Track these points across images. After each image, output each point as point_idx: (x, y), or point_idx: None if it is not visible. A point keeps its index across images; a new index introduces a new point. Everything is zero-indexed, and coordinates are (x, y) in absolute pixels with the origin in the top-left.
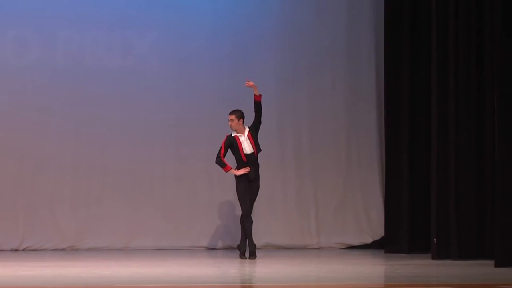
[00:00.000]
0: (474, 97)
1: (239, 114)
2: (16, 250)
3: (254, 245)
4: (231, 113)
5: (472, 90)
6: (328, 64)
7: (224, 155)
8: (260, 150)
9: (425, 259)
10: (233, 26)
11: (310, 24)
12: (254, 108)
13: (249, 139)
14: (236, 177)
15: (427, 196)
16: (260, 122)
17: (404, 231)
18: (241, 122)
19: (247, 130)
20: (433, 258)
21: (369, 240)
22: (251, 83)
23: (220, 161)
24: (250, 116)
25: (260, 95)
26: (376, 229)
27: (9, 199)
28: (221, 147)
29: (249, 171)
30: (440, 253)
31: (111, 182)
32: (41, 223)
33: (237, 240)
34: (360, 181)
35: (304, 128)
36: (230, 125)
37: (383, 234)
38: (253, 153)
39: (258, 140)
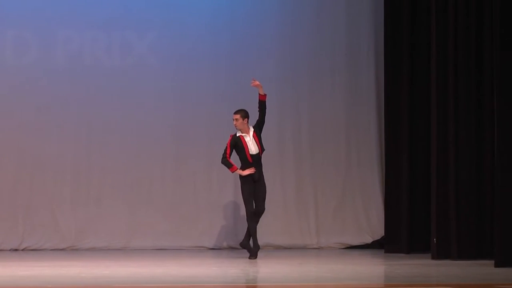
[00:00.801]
0: (473, 97)
1: (244, 114)
2: (16, 250)
3: (258, 246)
4: (236, 112)
5: (472, 89)
6: (328, 64)
7: (230, 155)
8: (264, 149)
9: (425, 259)
10: (233, 25)
11: (310, 24)
12: (258, 107)
13: (254, 139)
14: (241, 178)
15: (427, 196)
16: (264, 122)
17: (403, 231)
18: (246, 122)
19: (252, 130)
20: (433, 258)
21: (368, 240)
22: (257, 82)
23: (226, 162)
24: (252, 116)
25: (265, 95)
26: (375, 229)
27: (9, 199)
28: (226, 148)
29: (254, 172)
30: (440, 253)
31: (111, 182)
32: (41, 223)
33: (236, 239)
34: (360, 181)
35: (304, 128)
36: (235, 124)
37: (383, 234)
38: (258, 153)
39: None
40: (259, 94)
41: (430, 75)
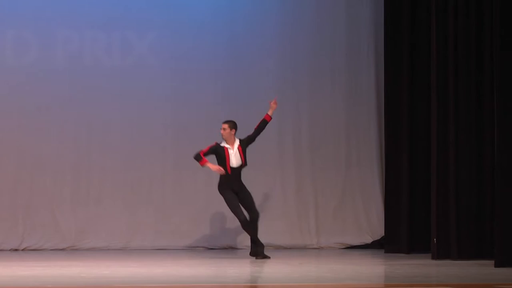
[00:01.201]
0: (474, 97)
1: (232, 125)
2: (16, 250)
3: (262, 245)
4: (225, 122)
5: (472, 90)
6: (328, 64)
7: (205, 154)
8: (246, 164)
9: (425, 259)
10: (233, 26)
11: (310, 24)
12: (258, 124)
13: (239, 152)
14: (221, 189)
15: (427, 196)
16: (254, 140)
17: (404, 231)
18: (233, 133)
19: (237, 143)
20: (433, 258)
21: (369, 240)
22: (275, 105)
23: (197, 155)
24: (242, 127)
25: (271, 118)
26: (375, 229)
27: (9, 199)
28: (206, 148)
29: (223, 171)
30: (440, 253)
31: (111, 181)
32: (41, 223)
33: (236, 239)
34: (360, 181)
35: (304, 128)
36: (222, 133)
37: (383, 234)
38: (239, 166)
39: (256, 142)
40: (268, 114)
41: (430, 75)
